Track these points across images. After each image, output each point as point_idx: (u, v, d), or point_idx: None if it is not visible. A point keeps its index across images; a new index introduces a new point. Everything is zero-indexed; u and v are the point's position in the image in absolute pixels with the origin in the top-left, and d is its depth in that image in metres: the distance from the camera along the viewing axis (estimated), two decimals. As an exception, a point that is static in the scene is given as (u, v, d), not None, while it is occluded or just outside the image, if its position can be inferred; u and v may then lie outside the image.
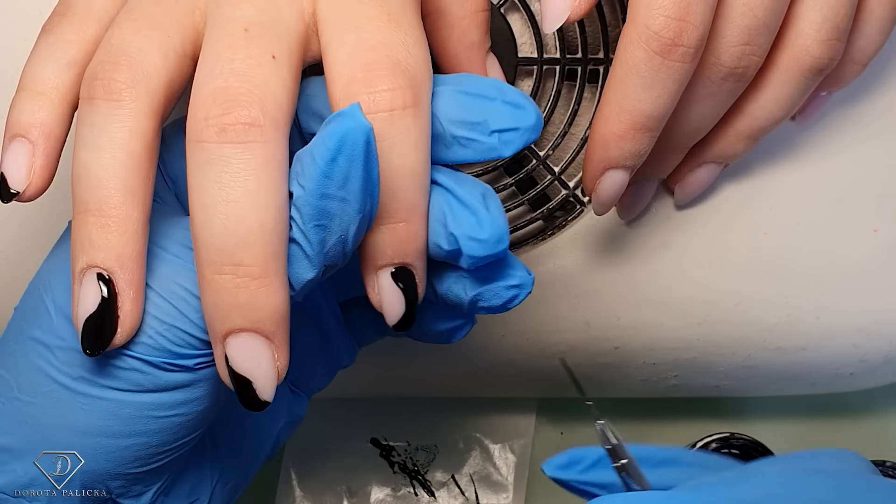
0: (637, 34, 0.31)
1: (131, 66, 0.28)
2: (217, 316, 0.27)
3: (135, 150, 0.27)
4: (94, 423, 0.29)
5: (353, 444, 0.50)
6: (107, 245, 0.27)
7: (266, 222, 0.26)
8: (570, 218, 0.41)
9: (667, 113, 0.33)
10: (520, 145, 0.30)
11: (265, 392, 0.28)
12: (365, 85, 0.27)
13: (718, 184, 0.40)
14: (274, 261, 0.27)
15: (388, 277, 0.29)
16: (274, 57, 0.27)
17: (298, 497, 0.49)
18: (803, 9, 0.33)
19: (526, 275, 0.31)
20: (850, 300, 0.41)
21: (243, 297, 0.27)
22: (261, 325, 0.27)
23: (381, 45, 0.28)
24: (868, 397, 0.51)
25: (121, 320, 0.27)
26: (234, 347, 0.27)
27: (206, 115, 0.26)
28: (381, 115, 0.27)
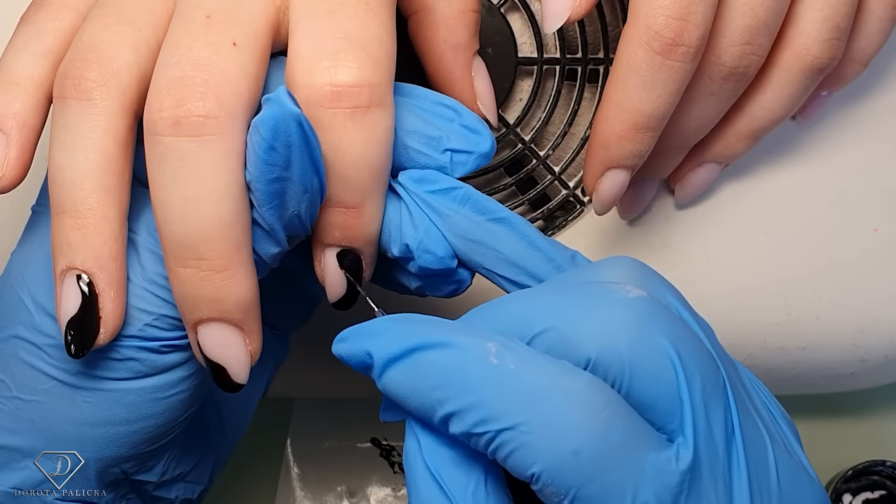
0: (638, 34, 0.31)
1: (101, 64, 0.27)
2: (185, 306, 0.27)
3: (108, 149, 0.27)
4: (100, 414, 0.29)
5: (354, 444, 0.50)
6: (85, 246, 0.27)
7: (225, 216, 0.26)
8: (570, 218, 0.41)
9: (668, 113, 0.33)
10: (469, 169, 0.30)
11: (239, 375, 0.28)
12: (330, 74, 0.27)
13: (719, 184, 0.40)
14: (236, 251, 0.27)
15: (332, 257, 0.29)
16: (235, 44, 0.27)
17: (299, 497, 0.49)
18: (804, 8, 0.33)
19: (466, 274, 0.31)
20: (850, 300, 0.41)
21: (208, 289, 0.27)
22: (228, 314, 0.27)
23: (354, 34, 0.27)
24: (868, 397, 0.51)
25: (103, 321, 0.28)
26: (205, 335, 0.28)
27: (159, 106, 0.26)
28: (344, 112, 0.27)
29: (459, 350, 0.25)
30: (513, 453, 0.25)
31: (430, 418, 0.26)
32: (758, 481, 0.26)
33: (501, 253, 0.30)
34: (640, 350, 0.25)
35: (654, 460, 0.25)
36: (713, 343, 0.28)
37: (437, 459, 0.26)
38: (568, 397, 0.24)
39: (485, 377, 0.25)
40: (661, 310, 0.26)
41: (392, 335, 0.26)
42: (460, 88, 0.34)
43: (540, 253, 0.30)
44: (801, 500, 0.27)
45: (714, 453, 0.25)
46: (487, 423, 0.25)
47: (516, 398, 0.25)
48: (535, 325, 0.26)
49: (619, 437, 0.24)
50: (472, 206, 0.29)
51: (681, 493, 0.25)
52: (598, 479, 0.24)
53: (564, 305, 0.26)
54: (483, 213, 0.29)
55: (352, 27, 0.27)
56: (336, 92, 0.27)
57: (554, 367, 0.25)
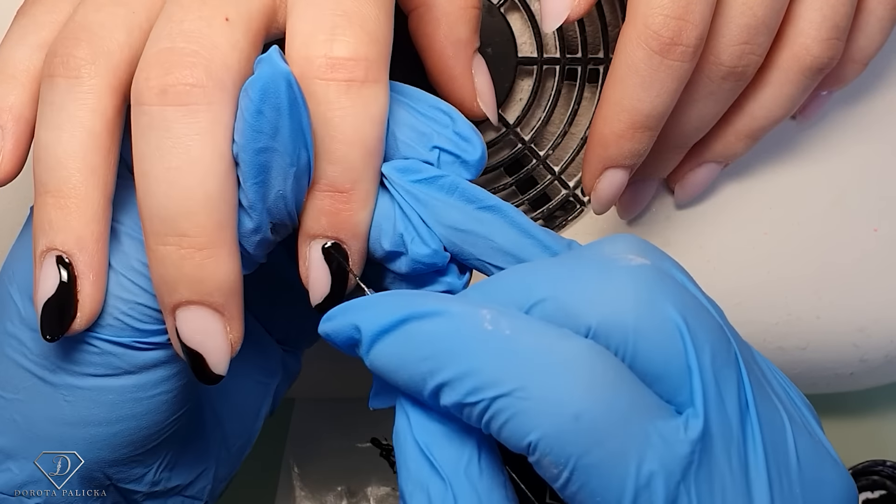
0: (636, 33, 0.31)
1: (91, 43, 0.27)
2: (164, 288, 0.26)
3: (95, 128, 0.27)
4: (79, 413, 0.28)
5: (354, 443, 0.50)
6: (66, 227, 0.26)
7: (210, 190, 0.25)
8: (570, 218, 0.41)
9: (666, 112, 0.33)
10: (454, 174, 0.29)
11: (218, 365, 0.27)
12: (326, 48, 0.26)
13: (718, 184, 0.40)
14: (220, 230, 0.26)
15: (318, 251, 0.28)
16: (228, 19, 0.26)
17: (299, 497, 0.49)
18: (803, 8, 0.33)
19: (456, 278, 0.30)
20: (850, 300, 0.41)
21: (188, 268, 0.26)
22: (208, 297, 0.26)
23: (353, 12, 0.27)
24: (868, 397, 0.51)
25: (80, 304, 0.27)
26: (183, 320, 0.27)
27: (147, 76, 0.25)
28: (338, 84, 0.26)
29: (452, 317, 0.24)
30: (508, 422, 0.24)
31: (420, 392, 0.25)
32: (776, 458, 0.25)
33: (493, 242, 0.29)
34: (646, 319, 0.24)
35: (661, 428, 0.23)
36: (723, 319, 0.27)
37: (427, 435, 0.25)
38: (568, 361, 0.23)
39: (479, 344, 0.24)
40: (667, 278, 0.25)
41: (381, 308, 0.25)
42: (460, 85, 0.34)
43: (534, 241, 0.29)
44: (825, 482, 0.26)
45: (727, 426, 0.24)
46: (481, 391, 0.24)
47: (512, 364, 0.24)
48: (533, 294, 0.25)
49: (624, 403, 0.23)
50: (461, 194, 0.28)
51: (690, 464, 0.23)
52: (601, 446, 0.23)
53: (564, 275, 0.25)
54: (472, 202, 0.29)
55: (350, 5, 0.27)
56: (331, 63, 0.26)
57: (553, 332, 0.24)
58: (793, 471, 0.25)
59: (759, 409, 0.25)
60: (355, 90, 0.26)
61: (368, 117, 0.27)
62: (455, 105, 0.33)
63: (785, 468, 0.25)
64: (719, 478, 0.24)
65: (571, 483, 0.23)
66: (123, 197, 0.28)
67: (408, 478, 0.25)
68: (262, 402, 0.36)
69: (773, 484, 0.25)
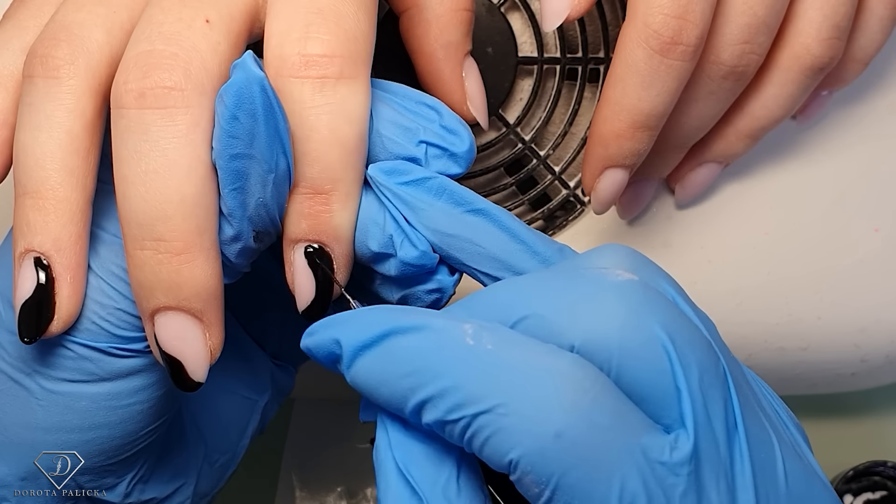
0: (636, 32, 0.31)
1: (71, 43, 0.26)
2: (142, 293, 0.26)
3: (73, 129, 0.26)
4: (52, 419, 0.28)
5: (353, 444, 0.50)
6: (44, 228, 0.26)
7: (187, 195, 0.25)
8: (570, 218, 0.41)
9: (666, 111, 0.33)
10: (445, 170, 0.29)
11: (196, 372, 0.27)
12: (300, 45, 0.26)
13: (719, 184, 0.40)
14: (198, 235, 0.25)
15: (301, 255, 0.27)
16: (208, 21, 0.26)
17: (298, 497, 0.49)
18: (804, 7, 0.33)
19: (446, 278, 0.29)
20: (851, 300, 0.41)
21: (165, 273, 0.25)
22: (186, 303, 0.26)
23: (328, 9, 0.26)
24: (868, 397, 0.51)
25: (57, 306, 0.26)
26: (162, 326, 0.26)
27: (126, 79, 0.25)
28: (312, 82, 0.26)
29: (433, 332, 0.24)
30: (489, 439, 0.23)
31: (402, 409, 0.24)
32: (764, 481, 0.25)
33: (481, 247, 0.28)
34: (631, 337, 0.24)
35: (647, 448, 0.23)
36: (713, 335, 0.26)
37: (406, 454, 0.25)
38: (550, 376, 0.23)
39: (460, 359, 0.23)
40: (654, 295, 0.25)
41: (362, 322, 0.25)
42: (450, 88, 0.33)
43: (524, 246, 0.28)
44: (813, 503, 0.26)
45: (714, 446, 0.24)
46: (462, 407, 0.23)
47: (493, 379, 0.23)
48: (516, 311, 0.25)
49: (607, 420, 0.23)
50: (448, 197, 0.28)
51: (676, 486, 0.23)
52: (582, 465, 0.22)
53: (548, 290, 0.25)
54: (460, 205, 0.28)
55: (325, 3, 0.26)
56: (304, 61, 0.26)
57: (536, 348, 0.23)
58: (781, 492, 0.25)
59: (747, 430, 0.25)
60: (330, 87, 0.26)
61: (344, 115, 0.26)
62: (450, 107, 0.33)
63: (773, 489, 0.25)
64: (706, 500, 0.24)
65: (553, 502, 0.23)
66: (105, 202, 0.28)
67: (385, 495, 0.25)
68: (249, 419, 0.36)
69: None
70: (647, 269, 0.26)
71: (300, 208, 0.27)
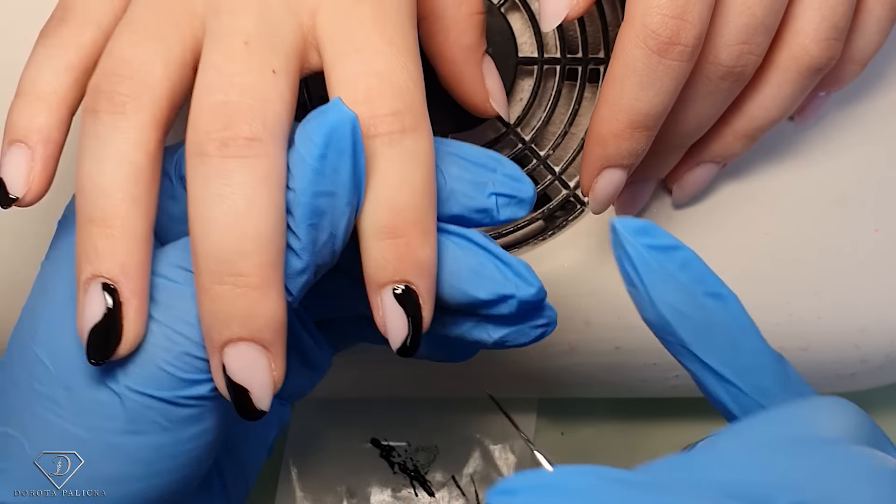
0: (634, 32, 0.31)
1: (133, 79, 0.28)
2: (215, 326, 0.27)
3: (139, 160, 0.28)
4: (116, 472, 0.29)
5: (354, 444, 0.50)
6: (112, 255, 0.27)
7: (263, 232, 0.27)
8: (570, 218, 0.41)
9: (664, 112, 0.33)
10: (513, 216, 0.31)
11: (262, 401, 0.28)
12: (367, 110, 0.28)
13: (719, 184, 0.40)
14: (272, 270, 0.27)
15: (391, 297, 0.29)
16: (274, 71, 0.28)
17: (299, 497, 0.49)
18: (802, 8, 0.33)
19: (552, 311, 0.31)
20: (851, 300, 0.41)
21: (242, 305, 0.27)
22: (258, 333, 0.27)
23: (382, 71, 0.28)
24: (868, 397, 0.50)
25: (125, 330, 0.28)
26: (232, 357, 0.27)
27: (206, 128, 0.27)
28: (382, 139, 0.28)
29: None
30: None
31: None
32: None
33: (712, 337, 0.27)
34: None
35: None
36: None
37: None
38: None
39: None
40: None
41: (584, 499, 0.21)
42: (473, 89, 0.35)
43: (751, 343, 0.27)
44: None
45: None
46: None
47: None
48: (777, 497, 0.21)
49: None
50: (691, 273, 0.27)
51: None
52: None
53: (810, 472, 0.22)
54: (700, 283, 0.27)
55: (380, 65, 0.28)
56: (373, 122, 0.28)
57: None
58: None
59: None
60: (397, 142, 0.28)
61: (413, 161, 0.28)
62: (469, 107, 0.36)
63: None
64: None
65: None
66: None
67: None
68: (260, 451, 0.37)
69: None
70: (878, 436, 0.25)
71: (386, 254, 0.28)
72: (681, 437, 0.50)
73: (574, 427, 0.51)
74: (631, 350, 0.42)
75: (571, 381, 0.44)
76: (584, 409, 0.51)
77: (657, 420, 0.51)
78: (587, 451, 0.51)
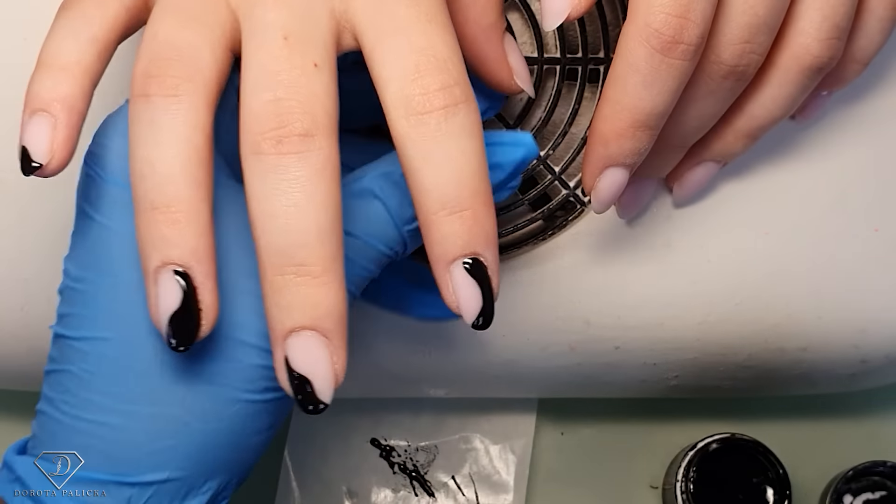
0: (637, 31, 0.31)
1: (184, 62, 0.28)
2: (278, 316, 0.28)
3: (198, 143, 0.28)
4: (246, 427, 0.31)
5: (353, 444, 0.50)
6: (181, 241, 0.28)
7: (322, 223, 0.27)
8: (570, 218, 0.41)
9: (667, 111, 0.33)
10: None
11: (324, 392, 0.28)
12: (419, 87, 0.28)
13: (719, 184, 0.40)
14: (333, 260, 0.27)
15: (461, 271, 0.29)
16: (316, 65, 0.28)
17: (298, 497, 0.49)
18: (804, 7, 0.33)
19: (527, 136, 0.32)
20: (851, 300, 0.41)
21: (304, 294, 0.27)
22: (320, 322, 0.28)
23: (427, 47, 0.28)
24: (868, 397, 0.51)
25: (203, 313, 0.28)
26: (295, 347, 0.28)
27: (261, 129, 0.27)
28: (437, 113, 0.28)
29: None
30: None
31: None
32: None
33: None
34: None
35: None
36: None
37: None
38: None
39: None
40: None
41: None
42: (497, 67, 0.35)
43: None
44: None
45: None
46: None
47: None
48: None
49: None
50: None
51: None
52: None
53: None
54: None
55: (423, 42, 0.28)
56: (427, 98, 0.28)
57: None
58: None
59: None
60: (452, 115, 0.28)
61: (470, 135, 0.29)
62: (494, 86, 0.36)
63: None
64: None
65: None
66: None
67: None
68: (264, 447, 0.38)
69: None
70: None
71: (454, 229, 0.29)
72: (680, 437, 0.50)
73: (574, 427, 0.51)
74: (630, 350, 0.42)
75: (571, 381, 0.44)
76: (584, 409, 0.51)
77: (657, 420, 0.51)
78: (587, 451, 0.51)
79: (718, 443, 0.46)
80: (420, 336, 0.42)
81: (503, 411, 0.50)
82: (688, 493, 0.45)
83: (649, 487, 0.50)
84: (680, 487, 0.46)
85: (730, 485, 0.46)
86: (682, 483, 0.46)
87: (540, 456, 0.50)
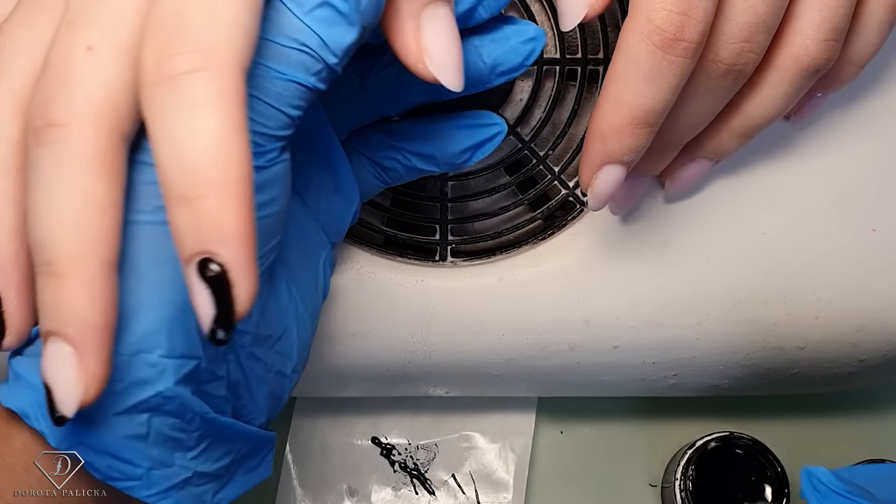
0: (639, 27, 0.31)
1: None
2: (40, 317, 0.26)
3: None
4: None
5: (354, 443, 0.50)
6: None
7: (67, 219, 0.25)
8: (569, 217, 0.41)
9: (667, 108, 0.33)
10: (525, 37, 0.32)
11: (64, 404, 0.25)
12: (151, 54, 0.24)
13: (718, 183, 0.40)
14: (79, 260, 0.25)
15: (193, 272, 0.24)
16: (90, 48, 0.25)
17: (299, 496, 0.49)
18: (802, 8, 0.33)
19: (538, 27, 0.32)
20: (849, 300, 0.41)
21: (49, 294, 0.25)
22: (61, 327, 0.25)
23: (174, 10, 0.24)
24: (868, 397, 0.51)
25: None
26: (44, 353, 0.25)
27: (31, 119, 0.26)
28: (167, 84, 0.24)
29: None
30: None
31: None
32: None
33: None
34: None
35: None
36: None
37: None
38: None
39: None
40: None
41: None
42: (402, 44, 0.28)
43: None
44: None
45: None
46: None
47: None
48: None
49: None
50: None
51: None
52: None
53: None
54: None
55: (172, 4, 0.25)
56: (159, 66, 0.25)
57: None
58: None
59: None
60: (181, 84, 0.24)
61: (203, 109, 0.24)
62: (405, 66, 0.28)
63: None
64: None
65: None
66: None
67: None
68: (318, 275, 0.35)
69: None
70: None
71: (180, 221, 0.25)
72: (679, 436, 0.50)
73: (574, 426, 0.51)
74: (629, 349, 0.42)
75: (571, 380, 0.44)
76: (584, 407, 0.51)
77: (656, 419, 0.51)
78: (586, 450, 0.51)
79: (717, 441, 0.46)
80: (420, 336, 0.42)
81: (503, 410, 0.50)
82: (687, 492, 0.46)
83: (648, 486, 0.50)
84: (679, 486, 0.46)
85: (728, 483, 0.46)
86: (680, 481, 0.46)
87: (539, 454, 0.51)
